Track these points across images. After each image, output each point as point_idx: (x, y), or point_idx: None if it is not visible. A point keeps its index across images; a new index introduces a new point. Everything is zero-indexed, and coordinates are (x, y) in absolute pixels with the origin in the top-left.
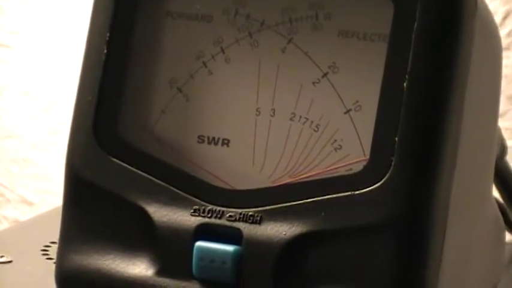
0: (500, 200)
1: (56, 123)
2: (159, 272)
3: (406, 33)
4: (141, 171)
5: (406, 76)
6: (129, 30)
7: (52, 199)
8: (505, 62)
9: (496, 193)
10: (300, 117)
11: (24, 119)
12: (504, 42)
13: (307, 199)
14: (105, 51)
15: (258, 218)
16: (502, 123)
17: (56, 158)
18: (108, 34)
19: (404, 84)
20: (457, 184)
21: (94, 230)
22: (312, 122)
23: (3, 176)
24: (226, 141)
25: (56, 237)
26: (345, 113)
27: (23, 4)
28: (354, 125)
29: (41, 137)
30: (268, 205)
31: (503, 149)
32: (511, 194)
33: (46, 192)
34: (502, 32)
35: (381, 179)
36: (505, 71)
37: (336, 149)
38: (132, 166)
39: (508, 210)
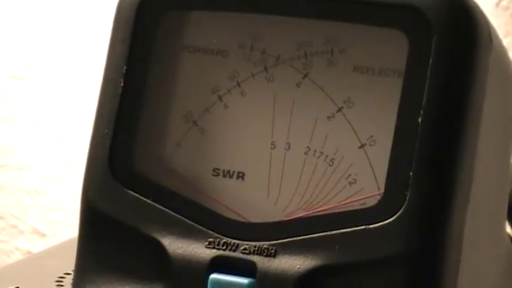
0: None
1: (68, 155)
2: None
3: (421, 69)
4: (156, 203)
5: (421, 111)
6: (146, 63)
7: (64, 230)
8: None
9: (509, 229)
10: (315, 151)
11: (36, 150)
12: None
13: (321, 233)
14: (122, 84)
15: (273, 251)
16: None
17: (68, 189)
18: (125, 67)
19: (419, 119)
20: (470, 219)
21: (109, 261)
22: (326, 156)
23: (16, 208)
24: (241, 175)
25: (70, 268)
26: (360, 147)
27: (36, 36)
28: (369, 160)
29: (54, 169)
30: (283, 238)
31: None
32: None
33: (58, 223)
34: None
35: (395, 214)
36: None
37: (350, 183)
38: (147, 198)
39: None
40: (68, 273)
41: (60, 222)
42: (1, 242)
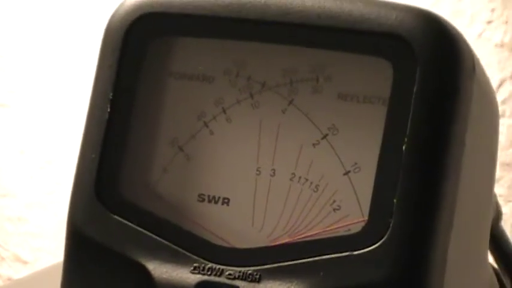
0: (495, 265)
1: (51, 183)
2: None
3: (406, 97)
4: (142, 228)
5: (405, 139)
6: (132, 90)
7: (46, 257)
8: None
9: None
10: (300, 177)
11: (20, 177)
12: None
13: (306, 258)
14: (108, 109)
15: (257, 277)
16: (496, 189)
17: (51, 216)
18: (111, 93)
19: (403, 147)
20: (453, 246)
21: (94, 286)
22: (311, 182)
23: None
24: (226, 200)
25: None
26: (344, 174)
27: (21, 64)
28: (353, 186)
29: (37, 196)
30: (267, 264)
31: (498, 214)
32: (506, 259)
33: (40, 250)
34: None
35: (379, 240)
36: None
37: (334, 210)
38: (133, 223)
39: (502, 275)
40: None
41: (43, 249)
42: None
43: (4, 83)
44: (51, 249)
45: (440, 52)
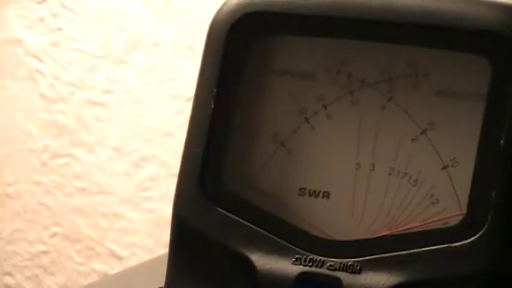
0: None
1: (146, 180)
2: None
3: (503, 93)
4: (245, 220)
5: (503, 134)
6: (235, 86)
7: (141, 253)
8: None
9: None
10: (399, 172)
11: (115, 175)
12: None
13: (405, 250)
14: (212, 105)
15: (358, 268)
16: None
17: (145, 213)
18: (215, 89)
19: (501, 141)
20: None
21: (198, 276)
22: (410, 177)
23: (93, 230)
24: (326, 194)
25: (156, 285)
26: (443, 168)
27: (116, 64)
28: (451, 181)
29: (131, 193)
30: (368, 255)
31: None
32: None
33: (135, 246)
34: None
35: (478, 232)
36: None
37: (433, 203)
38: (236, 215)
39: None
40: None
41: (137, 245)
42: (78, 264)
43: (101, 82)
44: (145, 246)
45: None
